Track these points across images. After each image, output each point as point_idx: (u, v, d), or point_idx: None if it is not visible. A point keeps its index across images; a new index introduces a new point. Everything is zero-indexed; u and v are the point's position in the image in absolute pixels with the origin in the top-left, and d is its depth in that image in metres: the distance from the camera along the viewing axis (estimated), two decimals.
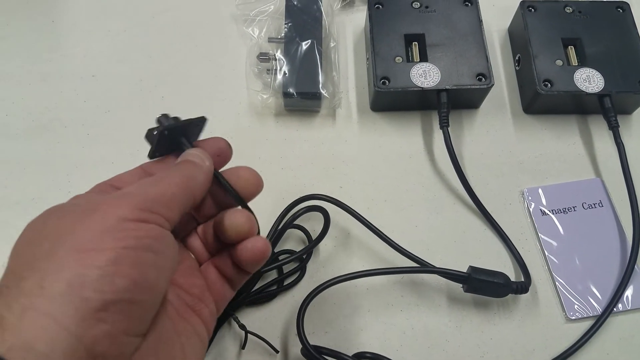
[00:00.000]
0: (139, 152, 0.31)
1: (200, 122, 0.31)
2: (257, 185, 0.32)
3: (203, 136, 0.32)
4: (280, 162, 0.47)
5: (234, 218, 0.30)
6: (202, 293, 0.31)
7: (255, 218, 0.31)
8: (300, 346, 0.37)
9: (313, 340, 0.38)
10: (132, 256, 0.22)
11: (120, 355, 0.22)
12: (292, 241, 0.44)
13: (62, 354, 0.19)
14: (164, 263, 0.24)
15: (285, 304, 0.42)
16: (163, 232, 0.25)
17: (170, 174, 0.27)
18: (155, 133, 0.29)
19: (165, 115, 0.30)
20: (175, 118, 0.31)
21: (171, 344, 0.26)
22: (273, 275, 0.42)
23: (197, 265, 0.32)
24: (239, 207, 0.31)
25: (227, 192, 0.31)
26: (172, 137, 0.30)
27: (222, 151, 0.31)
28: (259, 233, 0.31)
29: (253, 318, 0.41)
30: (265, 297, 0.41)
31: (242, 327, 0.38)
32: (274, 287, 0.41)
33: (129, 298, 0.22)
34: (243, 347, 0.39)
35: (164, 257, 0.24)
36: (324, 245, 0.44)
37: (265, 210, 0.44)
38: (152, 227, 0.24)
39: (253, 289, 0.40)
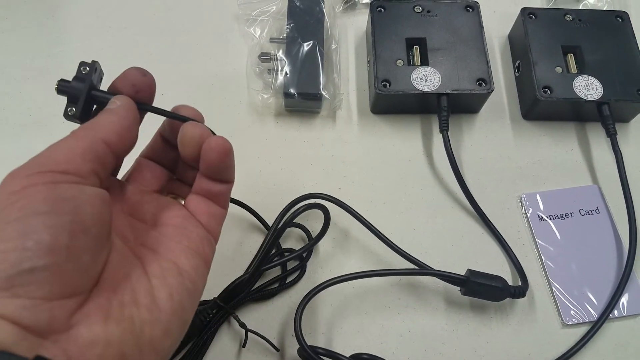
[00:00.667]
0: (139, 149, 0.31)
1: (90, 65, 0.29)
2: (148, 85, 0.30)
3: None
4: (280, 162, 0.47)
5: (181, 131, 0.30)
6: (185, 220, 0.30)
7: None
8: (297, 346, 0.37)
9: (309, 341, 0.38)
10: (18, 228, 0.22)
11: (53, 319, 0.22)
12: (292, 240, 0.44)
13: None
14: (62, 219, 0.23)
15: (283, 304, 0.42)
16: (54, 189, 0.23)
17: (73, 131, 0.27)
18: (70, 115, 0.28)
19: (63, 81, 0.28)
20: (77, 78, 0.28)
21: (132, 289, 0.26)
22: (273, 274, 0.42)
23: (176, 202, 0.32)
24: (185, 123, 0.30)
25: (160, 114, 0.30)
26: (87, 100, 0.28)
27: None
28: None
29: (250, 317, 0.41)
30: (265, 295, 0.41)
31: (243, 325, 0.38)
32: (275, 286, 0.41)
33: (30, 267, 0.21)
34: (244, 345, 0.39)
35: (57, 214, 0.23)
36: (323, 246, 0.44)
37: (263, 210, 0.44)
38: (37, 190, 0.23)
39: (253, 287, 0.40)
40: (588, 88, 0.46)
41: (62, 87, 0.28)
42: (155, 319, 0.26)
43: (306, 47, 0.48)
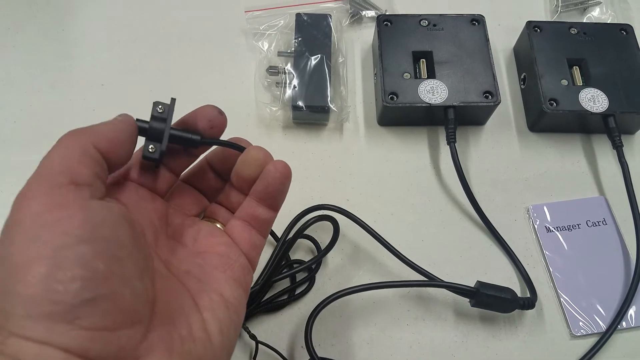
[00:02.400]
0: None
1: (168, 106, 0.29)
2: (222, 123, 0.31)
3: None
4: None
5: (247, 152, 0.31)
6: (229, 248, 0.30)
7: None
8: (307, 358, 0.37)
9: (319, 353, 0.38)
10: (70, 255, 0.21)
11: (121, 350, 0.22)
12: (301, 251, 0.44)
13: None
14: (111, 247, 0.22)
15: (292, 315, 0.42)
16: (84, 208, 0.22)
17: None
18: (151, 153, 0.28)
19: (140, 121, 0.28)
20: (154, 118, 0.29)
21: (188, 323, 0.26)
22: (282, 285, 0.42)
23: (218, 228, 0.32)
24: (250, 147, 0.31)
25: (224, 145, 0.32)
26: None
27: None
28: None
29: (260, 329, 0.41)
30: (274, 307, 0.41)
31: (253, 337, 0.38)
32: (284, 297, 0.41)
33: (92, 296, 0.21)
34: (254, 357, 0.39)
35: (103, 241, 0.22)
36: (331, 257, 0.44)
37: None
38: (69, 213, 0.22)
39: (263, 299, 0.40)
40: (594, 100, 0.47)
41: (141, 127, 0.28)
42: (209, 354, 0.26)
43: (314, 60, 0.49)
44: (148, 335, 0.23)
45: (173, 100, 0.30)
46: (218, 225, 0.32)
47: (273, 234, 0.43)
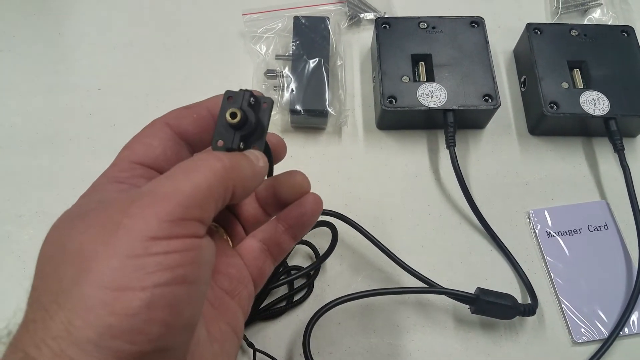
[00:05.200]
0: None
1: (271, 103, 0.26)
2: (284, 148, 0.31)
3: None
4: None
5: (294, 179, 0.30)
6: (240, 272, 0.29)
7: None
8: None
9: None
10: (166, 295, 0.19)
11: None
12: (300, 257, 0.44)
13: None
14: (201, 290, 0.21)
15: (290, 323, 0.41)
16: (199, 247, 0.21)
17: (205, 158, 0.23)
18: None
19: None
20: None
21: (201, 356, 0.24)
22: (280, 292, 0.41)
23: (229, 246, 0.30)
24: (293, 170, 0.31)
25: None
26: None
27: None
28: None
29: (257, 336, 0.40)
30: (272, 314, 0.41)
31: (251, 345, 0.38)
32: (282, 304, 0.41)
33: (163, 346, 0.20)
34: None
35: (200, 284, 0.21)
36: (330, 263, 0.43)
37: None
38: (186, 246, 0.21)
39: (261, 306, 0.40)
40: (595, 103, 0.46)
41: (239, 122, 0.25)
42: None
43: (312, 63, 0.48)
44: None
45: (271, 100, 0.26)
46: (220, 231, 0.30)
47: None
